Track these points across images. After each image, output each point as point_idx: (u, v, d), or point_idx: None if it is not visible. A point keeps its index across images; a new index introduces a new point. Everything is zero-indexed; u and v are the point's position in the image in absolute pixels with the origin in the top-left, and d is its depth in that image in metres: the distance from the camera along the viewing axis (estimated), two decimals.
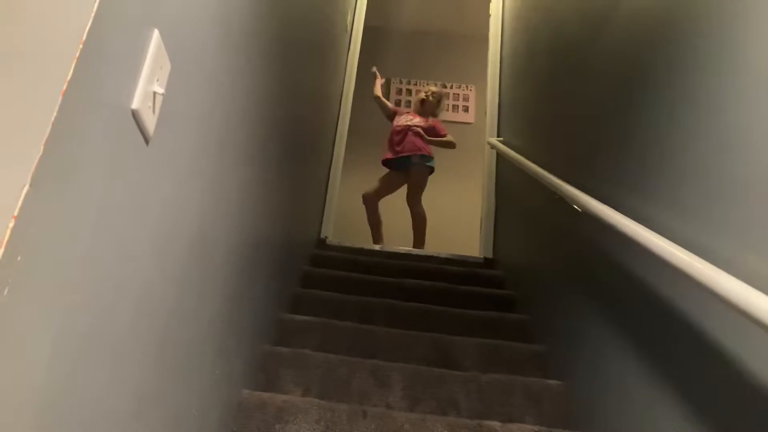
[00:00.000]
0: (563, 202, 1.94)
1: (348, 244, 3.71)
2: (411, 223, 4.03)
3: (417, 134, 4.08)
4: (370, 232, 4.12)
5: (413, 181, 4.05)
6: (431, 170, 4.08)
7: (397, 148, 4.09)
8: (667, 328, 1.29)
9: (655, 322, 1.36)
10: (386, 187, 4.12)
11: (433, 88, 4.35)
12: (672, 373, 1.26)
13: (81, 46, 0.58)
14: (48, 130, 0.54)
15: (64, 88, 0.56)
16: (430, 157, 4.06)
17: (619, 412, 1.49)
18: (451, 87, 5.91)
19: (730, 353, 1.05)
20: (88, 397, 0.70)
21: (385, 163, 4.20)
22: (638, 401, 1.39)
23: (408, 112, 4.31)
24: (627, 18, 1.81)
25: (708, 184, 1.19)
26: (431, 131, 4.13)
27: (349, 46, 4.26)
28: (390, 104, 4.48)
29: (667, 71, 1.45)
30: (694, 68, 1.31)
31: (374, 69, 4.42)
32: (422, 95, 4.29)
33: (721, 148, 1.16)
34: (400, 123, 4.17)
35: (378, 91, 4.45)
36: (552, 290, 2.27)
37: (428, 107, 4.24)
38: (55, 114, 0.55)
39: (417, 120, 4.16)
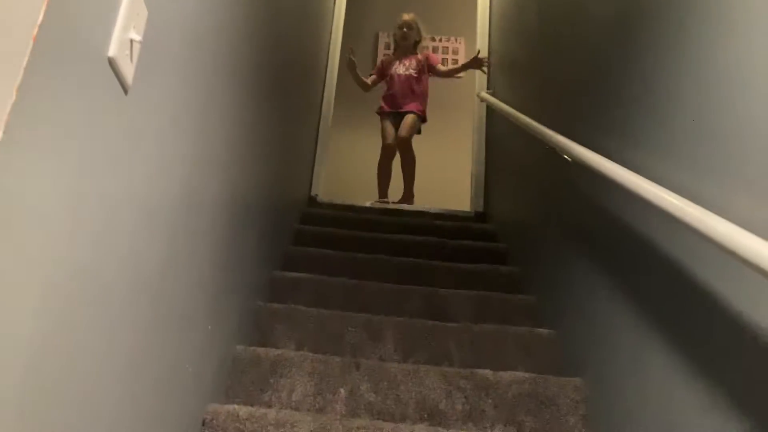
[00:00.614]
0: (554, 154, 1.93)
1: (338, 201, 3.70)
2: (401, 170, 3.85)
3: (418, 88, 3.87)
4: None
5: (405, 121, 3.79)
6: (422, 119, 3.89)
7: (396, 100, 3.87)
8: (657, 274, 1.30)
9: (644, 269, 1.37)
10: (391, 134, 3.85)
11: (405, 17, 3.98)
12: (661, 319, 1.27)
13: None
14: (20, 75, 0.52)
15: (35, 32, 0.54)
16: (423, 116, 3.89)
17: (609, 358, 1.51)
18: (440, 40, 5.82)
19: (720, 295, 1.05)
20: (77, 354, 0.70)
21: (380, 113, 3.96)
22: (627, 347, 1.41)
23: (397, 60, 3.98)
24: None
25: (697, 128, 1.18)
26: (428, 66, 3.93)
27: (335, 0, 4.17)
28: (369, 77, 4.05)
29: (657, 15, 1.43)
30: (684, 11, 1.29)
31: (352, 56, 3.86)
32: (398, 31, 3.98)
33: (710, 91, 1.14)
34: (399, 70, 3.90)
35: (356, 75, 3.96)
36: (543, 241, 2.28)
37: (411, 38, 3.95)
38: (26, 59, 0.53)
39: (412, 63, 3.90)
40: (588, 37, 1.96)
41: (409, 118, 3.77)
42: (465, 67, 3.87)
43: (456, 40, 5.82)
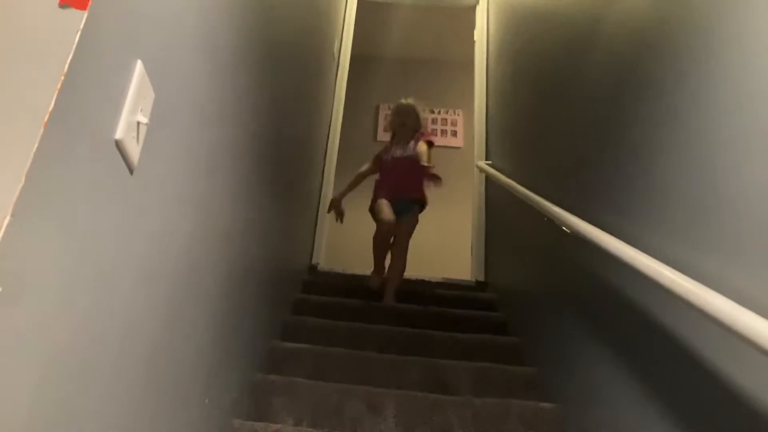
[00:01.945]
0: (553, 225, 1.95)
1: (339, 270, 3.70)
2: (391, 262, 3.22)
3: (416, 170, 3.18)
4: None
5: (404, 221, 3.20)
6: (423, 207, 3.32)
7: (391, 187, 3.26)
8: (658, 348, 1.29)
9: (645, 342, 1.36)
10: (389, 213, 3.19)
11: (402, 102, 3.41)
12: (663, 393, 1.25)
13: (63, 77, 0.58)
14: (29, 161, 0.54)
15: (46, 119, 0.56)
16: (423, 204, 3.30)
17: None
18: (439, 112, 5.96)
19: (721, 371, 1.05)
20: (75, 428, 0.69)
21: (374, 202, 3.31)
22: (631, 422, 1.38)
23: (396, 142, 3.40)
24: (608, 42, 1.83)
25: (695, 203, 1.20)
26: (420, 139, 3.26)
27: (337, 74, 4.30)
28: (372, 167, 3.48)
29: (651, 93, 1.47)
30: (676, 89, 1.33)
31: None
32: (396, 119, 3.41)
33: (706, 167, 1.17)
34: (388, 156, 3.34)
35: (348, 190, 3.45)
36: (544, 312, 2.27)
37: (409, 128, 3.36)
38: (36, 145, 0.55)
39: (409, 147, 3.29)
40: (584, 111, 2.01)
41: (405, 223, 3.19)
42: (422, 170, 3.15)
43: (455, 112, 5.96)
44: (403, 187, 3.24)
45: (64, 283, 0.63)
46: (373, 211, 3.24)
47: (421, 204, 3.27)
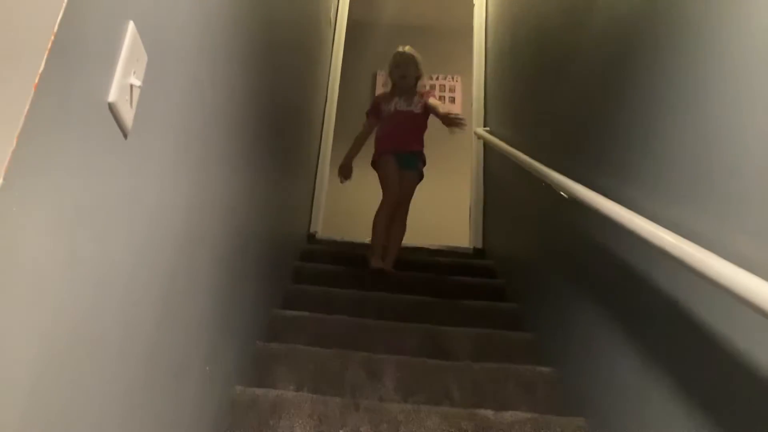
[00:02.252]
0: (551, 190, 1.94)
1: (337, 238, 3.70)
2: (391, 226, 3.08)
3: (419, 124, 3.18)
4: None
5: (405, 184, 3.13)
6: (420, 176, 3.25)
7: (393, 140, 3.16)
8: (656, 311, 1.30)
9: (644, 306, 1.37)
10: (396, 182, 3.10)
11: (401, 49, 3.30)
12: (661, 356, 1.26)
13: (52, 38, 0.57)
14: (21, 123, 0.53)
15: (36, 81, 0.55)
16: (423, 162, 3.24)
17: (611, 396, 1.49)
18: (437, 78, 5.91)
19: (719, 334, 1.05)
20: (76, 398, 0.69)
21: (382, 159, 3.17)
22: (628, 385, 1.39)
23: (396, 96, 3.24)
24: (606, 6, 1.80)
25: (692, 166, 1.19)
26: (425, 107, 3.18)
27: (334, 39, 4.24)
28: (370, 125, 3.34)
29: (651, 55, 1.45)
30: (678, 52, 1.31)
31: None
32: (395, 69, 3.26)
33: (704, 129, 1.16)
34: (389, 109, 3.21)
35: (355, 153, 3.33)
36: (542, 278, 2.27)
37: (410, 75, 3.23)
38: (27, 107, 0.53)
39: (415, 99, 3.20)
40: (583, 75, 1.99)
41: (409, 179, 3.14)
42: (443, 119, 3.02)
43: (453, 78, 5.91)
44: (408, 140, 3.17)
45: (60, 249, 0.62)
46: (377, 166, 3.17)
47: (423, 160, 3.22)
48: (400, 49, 3.30)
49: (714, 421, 1.05)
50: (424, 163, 3.23)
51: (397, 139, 3.16)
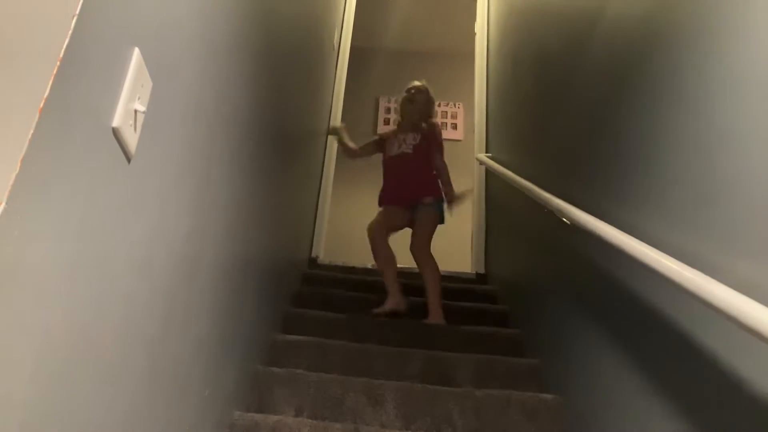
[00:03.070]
0: (553, 216, 1.94)
1: (339, 263, 3.69)
2: (420, 272, 2.85)
3: (419, 169, 2.98)
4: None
5: (421, 222, 2.90)
6: (441, 218, 2.97)
7: (399, 192, 2.97)
8: (659, 338, 1.29)
9: (647, 333, 1.36)
10: (390, 221, 2.96)
11: (417, 83, 3.14)
12: (665, 383, 1.25)
13: (58, 63, 0.58)
14: (25, 147, 0.53)
15: (41, 105, 0.56)
16: (442, 201, 2.97)
17: (614, 423, 1.48)
18: (439, 105, 5.95)
19: (723, 361, 1.04)
20: (72, 416, 0.69)
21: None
22: (634, 414, 1.38)
23: (398, 132, 3.11)
24: (607, 32, 1.82)
25: (693, 190, 1.19)
26: (430, 138, 3.03)
27: (337, 65, 4.28)
28: (368, 146, 3.28)
29: (649, 81, 1.46)
30: (675, 77, 1.33)
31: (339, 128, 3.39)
32: (407, 103, 3.11)
33: (704, 154, 1.16)
34: (392, 152, 3.04)
35: (349, 145, 3.30)
36: (545, 304, 2.26)
37: (418, 108, 3.07)
38: (32, 131, 0.54)
39: (409, 137, 3.02)
40: (582, 102, 2.00)
41: (420, 226, 2.88)
42: (446, 195, 2.99)
43: (455, 104, 5.95)
44: (409, 190, 2.93)
45: (61, 272, 0.63)
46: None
47: (439, 201, 2.95)
48: (417, 83, 3.15)
49: None
50: (441, 203, 2.97)
51: (397, 194, 2.97)
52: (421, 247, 2.83)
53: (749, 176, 1.01)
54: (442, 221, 2.96)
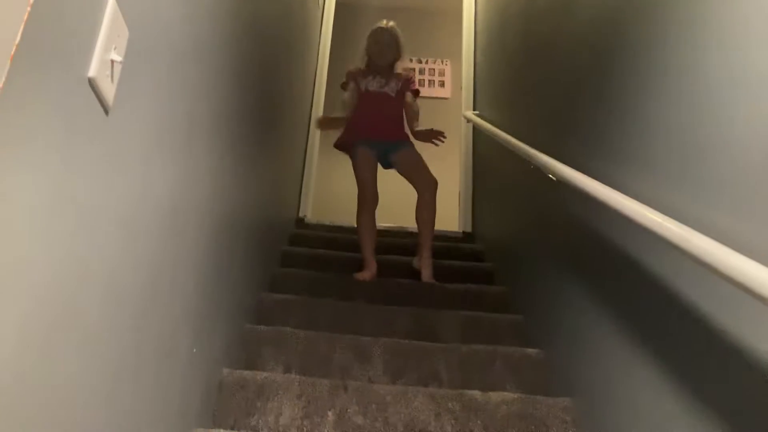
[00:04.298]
0: (539, 173, 1.94)
1: (327, 222, 3.69)
2: (415, 211, 2.80)
3: (396, 115, 2.88)
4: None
5: (413, 161, 2.83)
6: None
7: (378, 127, 2.82)
8: (644, 292, 1.31)
9: (630, 286, 1.37)
10: (373, 172, 2.79)
11: (382, 24, 2.97)
12: (647, 336, 1.27)
13: (29, 8, 0.56)
14: None
15: (12, 51, 0.54)
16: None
17: (598, 377, 1.51)
18: (427, 62, 5.88)
19: (705, 313, 1.06)
20: (60, 381, 0.69)
21: (349, 144, 2.86)
22: (616, 366, 1.40)
23: (374, 71, 2.94)
24: None
25: (677, 147, 1.19)
26: (406, 84, 2.94)
27: (322, 21, 4.20)
28: (353, 96, 2.98)
29: (635, 37, 1.45)
30: (661, 34, 1.31)
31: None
32: (373, 46, 2.93)
33: (689, 111, 1.16)
34: (371, 87, 2.89)
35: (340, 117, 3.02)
36: (530, 261, 2.28)
37: (388, 55, 2.93)
38: (3, 79, 0.52)
39: (391, 82, 2.91)
40: (570, 57, 1.98)
41: (415, 155, 2.82)
42: (418, 135, 2.95)
43: (442, 62, 5.88)
44: (388, 128, 2.84)
45: (41, 227, 0.62)
46: (350, 154, 2.83)
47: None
48: (383, 24, 2.97)
49: (702, 395, 1.06)
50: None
51: (374, 127, 2.81)
52: (432, 183, 2.78)
53: (734, 134, 1.01)
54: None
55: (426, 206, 2.75)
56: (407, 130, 2.94)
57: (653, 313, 1.25)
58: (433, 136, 2.90)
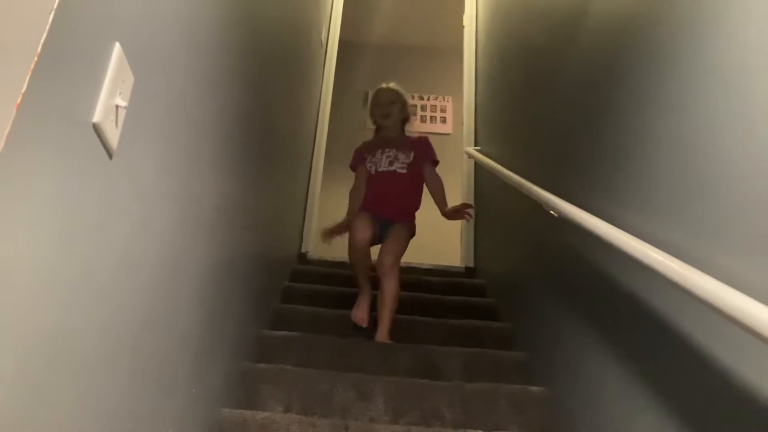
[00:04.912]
0: (541, 209, 1.95)
1: (329, 258, 3.69)
2: (380, 285, 2.46)
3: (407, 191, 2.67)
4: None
5: (396, 230, 2.59)
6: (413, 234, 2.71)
7: (383, 206, 2.63)
8: (645, 330, 1.30)
9: (633, 325, 1.37)
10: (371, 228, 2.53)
11: (384, 87, 2.81)
12: (651, 375, 1.26)
13: (36, 58, 0.57)
14: (2, 144, 0.53)
15: (19, 100, 0.55)
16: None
17: (600, 415, 1.49)
18: (428, 99, 5.95)
19: (708, 352, 1.05)
20: (55, 419, 0.68)
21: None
22: (617, 404, 1.39)
23: (378, 149, 2.74)
24: (593, 28, 1.83)
25: (677, 184, 1.20)
26: (422, 153, 2.72)
27: (325, 60, 4.27)
28: (360, 184, 2.76)
29: (634, 76, 1.47)
30: (659, 72, 1.33)
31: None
32: (376, 108, 2.78)
33: (688, 148, 1.17)
34: (380, 166, 2.68)
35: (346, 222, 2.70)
36: (532, 297, 2.27)
37: (394, 116, 2.75)
38: (9, 127, 0.54)
39: (401, 155, 2.69)
40: (569, 96, 2.01)
41: (396, 235, 2.56)
42: (448, 215, 2.73)
43: (444, 98, 5.95)
44: (393, 207, 2.62)
45: (41, 270, 0.62)
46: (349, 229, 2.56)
47: (412, 231, 2.68)
48: (384, 85, 2.81)
49: None
50: (411, 233, 2.71)
51: (382, 211, 2.61)
52: (392, 258, 2.47)
53: (730, 170, 1.02)
54: (411, 232, 2.70)
55: (389, 281, 2.43)
56: (412, 215, 2.71)
57: (655, 350, 1.24)
58: (461, 214, 2.68)
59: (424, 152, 2.72)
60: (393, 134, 2.77)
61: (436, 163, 2.76)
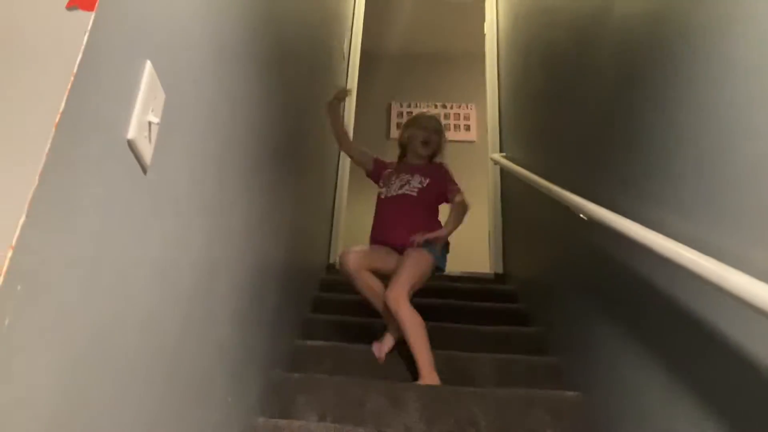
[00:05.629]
0: (570, 213, 1.93)
1: None
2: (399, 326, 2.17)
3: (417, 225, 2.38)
4: None
5: (408, 260, 2.29)
6: (437, 267, 2.42)
7: (390, 233, 2.44)
8: (681, 332, 1.28)
9: (668, 327, 1.35)
10: (372, 260, 2.38)
11: (428, 116, 2.78)
12: (689, 378, 1.24)
13: (72, 79, 0.59)
14: (42, 161, 0.55)
15: (57, 119, 0.57)
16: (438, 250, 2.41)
17: (637, 420, 1.46)
18: (452, 107, 5.95)
19: (749, 353, 1.03)
20: (94, 427, 0.70)
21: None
22: (656, 409, 1.37)
23: (400, 168, 2.61)
24: (617, 27, 1.82)
25: (710, 182, 1.18)
26: (441, 183, 2.54)
27: (348, 72, 4.30)
28: (361, 153, 2.75)
29: (661, 74, 1.46)
30: (691, 67, 1.32)
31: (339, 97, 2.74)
32: (418, 132, 2.62)
33: (719, 144, 1.15)
34: (390, 191, 2.53)
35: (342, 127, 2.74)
36: (564, 301, 2.25)
37: (432, 149, 2.63)
38: (48, 146, 0.56)
39: (413, 180, 2.51)
40: (595, 98, 1.99)
41: (405, 263, 2.28)
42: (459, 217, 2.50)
43: (467, 106, 5.94)
44: (404, 234, 2.37)
45: (81, 282, 0.64)
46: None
47: (426, 257, 2.36)
48: (425, 111, 2.67)
49: None
50: (440, 268, 2.46)
51: (394, 239, 2.42)
52: (397, 289, 2.17)
53: (761, 166, 1.00)
54: (440, 270, 2.46)
55: (402, 320, 2.14)
56: (429, 227, 2.42)
57: (692, 352, 1.22)
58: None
59: (441, 180, 2.55)
60: (418, 162, 2.61)
61: (458, 191, 2.54)
